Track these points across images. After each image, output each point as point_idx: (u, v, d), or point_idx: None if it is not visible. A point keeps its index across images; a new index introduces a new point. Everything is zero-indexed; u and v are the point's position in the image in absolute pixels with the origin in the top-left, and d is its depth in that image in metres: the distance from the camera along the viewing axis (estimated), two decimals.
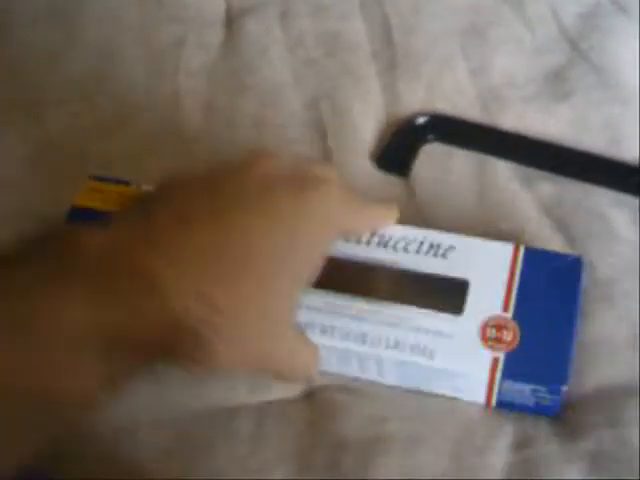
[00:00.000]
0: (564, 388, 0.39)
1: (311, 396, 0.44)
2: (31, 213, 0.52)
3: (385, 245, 0.43)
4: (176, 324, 0.34)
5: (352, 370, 0.42)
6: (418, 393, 0.42)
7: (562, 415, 0.41)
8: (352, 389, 0.43)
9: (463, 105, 0.53)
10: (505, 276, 0.41)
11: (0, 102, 0.57)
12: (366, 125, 0.53)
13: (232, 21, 0.61)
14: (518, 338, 0.40)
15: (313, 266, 0.38)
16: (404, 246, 0.43)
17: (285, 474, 0.41)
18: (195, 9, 0.61)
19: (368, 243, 0.43)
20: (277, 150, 0.43)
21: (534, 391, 0.39)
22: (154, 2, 0.61)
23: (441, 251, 0.42)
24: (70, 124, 0.56)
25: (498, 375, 0.39)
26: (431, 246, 0.43)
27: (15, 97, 0.57)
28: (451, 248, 0.42)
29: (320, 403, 0.43)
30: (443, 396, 0.42)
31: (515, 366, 0.39)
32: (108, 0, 0.62)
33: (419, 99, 0.54)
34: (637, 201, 0.48)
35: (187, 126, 0.55)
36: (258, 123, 0.54)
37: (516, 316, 0.40)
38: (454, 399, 0.42)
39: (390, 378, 0.42)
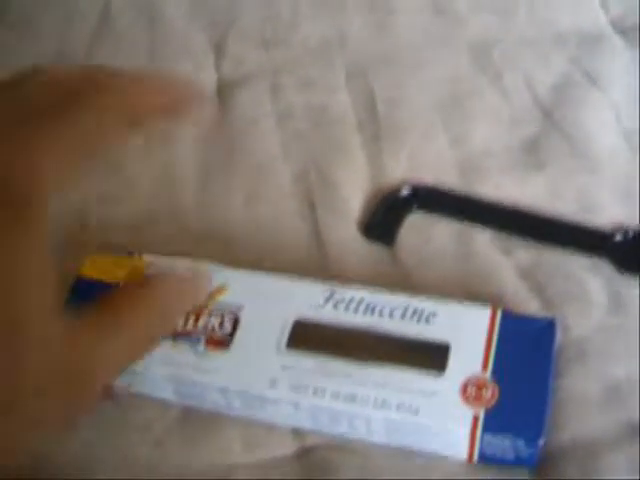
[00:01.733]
0: (541, 441, 0.43)
1: (305, 455, 0.48)
2: None
3: (372, 312, 0.48)
4: None
5: (342, 429, 0.46)
6: (405, 452, 0.46)
7: (540, 467, 0.45)
8: (343, 448, 0.47)
9: (444, 174, 0.58)
10: (483, 338, 0.46)
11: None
12: (353, 195, 0.57)
13: (223, 92, 0.66)
14: (497, 396, 0.44)
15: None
16: (389, 312, 0.48)
17: None
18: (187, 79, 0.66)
19: (356, 311, 0.48)
20: None
21: (513, 444, 0.44)
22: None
23: (424, 316, 0.47)
24: (67, 200, 0.60)
25: (479, 430, 0.43)
26: (414, 312, 0.47)
27: None
28: (433, 313, 0.47)
29: (313, 462, 0.47)
30: (428, 454, 0.46)
31: (494, 421, 0.43)
32: None
33: (402, 169, 0.59)
34: (609, 266, 0.52)
35: (182, 198, 0.60)
36: (249, 196, 0.59)
37: (494, 375, 0.45)
38: (438, 456, 0.46)
39: (378, 436, 0.46)
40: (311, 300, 0.49)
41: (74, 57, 0.68)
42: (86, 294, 0.51)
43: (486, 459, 0.45)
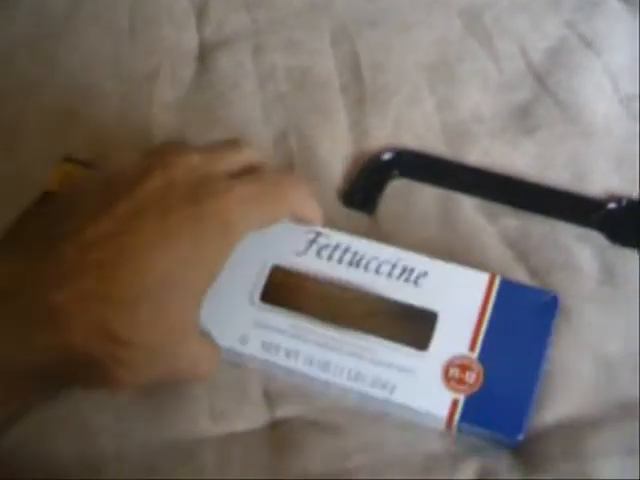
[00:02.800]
0: (520, 437, 0.41)
1: (275, 428, 0.46)
2: None
3: (357, 264, 0.45)
4: (78, 357, 0.36)
5: (315, 395, 0.44)
6: (381, 424, 0.44)
7: (523, 447, 0.43)
8: (316, 422, 0.45)
9: (430, 140, 0.56)
10: (476, 310, 0.43)
11: None
12: (334, 161, 0.55)
13: (205, 55, 0.63)
14: (481, 381, 0.42)
15: (214, 274, 0.40)
16: (376, 267, 0.45)
17: None
18: (168, 42, 0.64)
19: (340, 261, 0.45)
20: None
21: (491, 436, 0.41)
22: (128, 34, 0.64)
23: (413, 276, 0.44)
24: (41, 156, 0.58)
25: (456, 417, 0.41)
26: (404, 270, 0.45)
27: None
28: (424, 274, 0.44)
29: (284, 436, 0.45)
30: (405, 427, 0.44)
31: (474, 410, 0.41)
32: (82, 31, 0.65)
33: (387, 134, 0.56)
34: (600, 236, 0.50)
35: None
36: None
37: (482, 357, 0.42)
38: (416, 429, 0.44)
39: (352, 404, 0.44)
40: (293, 243, 0.46)
41: (53, 22, 0.65)
42: None
43: (463, 439, 0.43)
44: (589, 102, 0.56)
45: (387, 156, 0.54)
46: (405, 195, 0.53)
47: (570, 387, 0.45)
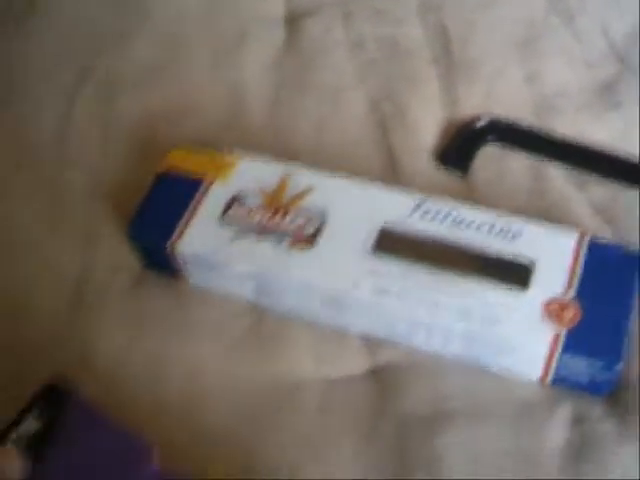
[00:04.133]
0: (619, 365, 0.45)
1: (375, 374, 0.49)
2: (101, 192, 0.58)
3: (458, 225, 0.49)
4: None
5: (419, 339, 0.48)
6: (478, 372, 0.48)
7: (614, 396, 0.47)
8: (415, 367, 0.49)
9: (518, 111, 0.59)
10: (569, 260, 0.47)
11: (72, 84, 0.63)
12: (426, 126, 0.59)
13: (293, 21, 0.67)
14: (578, 318, 0.46)
15: None
16: (476, 227, 0.49)
17: (353, 446, 0.46)
18: (255, 8, 0.68)
19: (442, 222, 0.49)
20: None
21: (590, 367, 0.45)
22: None
23: (510, 234, 0.48)
24: (139, 108, 0.62)
25: (558, 349, 0.45)
26: (501, 229, 0.49)
27: (87, 79, 0.63)
28: (519, 232, 0.48)
29: (384, 381, 0.49)
30: (501, 376, 0.47)
31: (574, 342, 0.45)
32: None
33: (476, 104, 0.60)
34: None
35: (251, 120, 0.61)
36: (321, 121, 0.60)
37: (577, 297, 0.46)
38: (511, 378, 0.47)
39: (453, 348, 0.47)
40: (398, 208, 0.50)
41: None
42: (168, 190, 0.52)
43: (560, 381, 0.47)
44: None
45: (482, 122, 0.57)
46: (497, 161, 0.57)
47: None
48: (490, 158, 0.57)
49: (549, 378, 0.47)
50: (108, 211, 0.57)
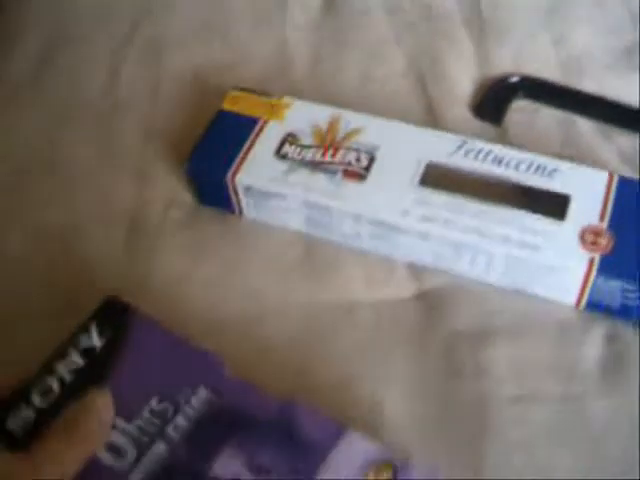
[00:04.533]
0: None
1: (423, 297, 0.53)
2: (154, 137, 0.61)
3: (499, 163, 0.53)
4: None
5: (463, 265, 0.52)
6: (518, 295, 0.52)
7: None
8: (460, 290, 0.53)
9: (547, 71, 0.63)
10: (602, 194, 0.51)
11: (121, 39, 0.67)
12: (462, 80, 0.63)
13: None
14: (612, 245, 0.50)
15: None
16: (515, 164, 0.53)
17: (404, 356, 0.50)
18: None
19: (484, 160, 0.53)
20: None
21: (623, 290, 0.49)
22: None
23: (547, 171, 0.52)
24: (186, 63, 0.66)
25: (593, 272, 0.49)
26: (538, 167, 0.53)
27: (135, 35, 0.67)
28: (555, 169, 0.53)
29: (432, 301, 0.53)
30: (540, 299, 0.51)
31: (608, 266, 0.49)
32: None
33: (506, 63, 0.64)
34: None
35: (295, 74, 0.65)
36: (362, 75, 0.64)
37: (610, 227, 0.50)
38: (549, 301, 0.51)
39: (495, 274, 0.51)
40: (443, 147, 0.54)
41: None
42: (226, 128, 0.56)
43: (594, 306, 0.51)
44: None
45: (514, 78, 0.62)
46: (528, 114, 0.61)
47: None
48: (522, 111, 0.61)
49: (584, 302, 0.51)
50: (160, 152, 0.60)
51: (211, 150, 0.56)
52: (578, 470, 0.44)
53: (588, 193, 0.52)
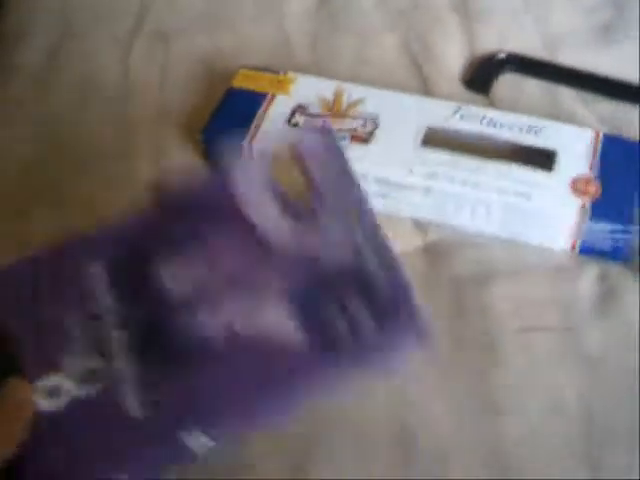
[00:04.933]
0: (635, 227, 0.54)
1: (427, 249, 0.58)
2: (166, 118, 0.66)
3: (493, 125, 0.58)
4: None
5: (464, 217, 0.56)
6: (516, 243, 0.57)
7: (632, 262, 0.56)
8: (462, 241, 0.57)
9: (529, 49, 0.69)
10: (590, 149, 0.57)
11: (128, 30, 0.72)
12: (452, 58, 0.68)
13: None
14: (600, 192, 0.55)
15: None
16: (508, 126, 0.58)
17: None
18: None
19: (480, 122, 0.58)
20: None
21: (612, 232, 0.54)
22: None
23: (534, 130, 0.58)
24: (192, 51, 0.71)
25: (586, 216, 0.54)
26: (528, 127, 0.58)
27: (141, 26, 0.73)
28: (543, 128, 0.58)
29: (437, 252, 0.57)
30: (536, 246, 0.56)
31: (597, 211, 0.54)
32: None
33: (493, 42, 0.70)
34: None
35: (295, 57, 0.70)
36: (358, 58, 0.69)
37: (598, 176, 0.55)
38: (545, 247, 0.56)
39: (494, 225, 0.56)
40: (440, 112, 0.59)
41: None
42: (237, 102, 0.61)
43: (586, 250, 0.55)
44: None
45: (501, 55, 0.67)
46: (514, 85, 0.66)
47: None
48: (508, 83, 0.67)
49: (577, 245, 0.56)
50: (174, 132, 0.65)
51: (225, 121, 0.60)
52: (580, 388, 0.49)
53: (577, 146, 0.57)
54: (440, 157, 0.57)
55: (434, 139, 0.58)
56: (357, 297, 0.35)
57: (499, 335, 0.52)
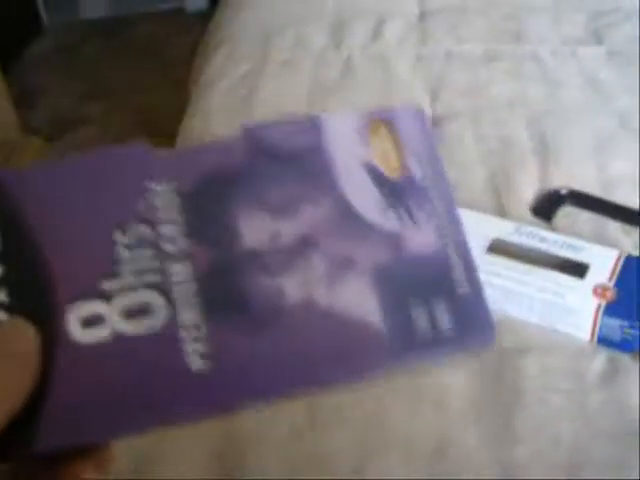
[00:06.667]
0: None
1: None
2: None
3: (543, 241, 0.80)
4: None
5: (513, 307, 0.78)
6: (548, 330, 0.77)
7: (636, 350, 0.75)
8: (507, 321, 0.78)
9: (587, 186, 0.91)
10: (612, 264, 0.78)
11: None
12: (527, 191, 0.91)
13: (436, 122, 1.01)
14: (615, 297, 0.75)
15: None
16: (554, 242, 0.80)
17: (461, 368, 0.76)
18: None
19: (533, 238, 0.80)
20: None
21: (621, 326, 0.74)
22: None
23: (575, 247, 0.79)
24: None
25: (600, 313, 0.74)
26: (570, 245, 0.80)
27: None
28: (582, 247, 0.79)
29: None
30: (564, 333, 0.77)
31: (611, 311, 0.74)
32: None
33: (561, 180, 0.92)
34: None
35: None
36: (454, 183, 0.93)
37: (616, 284, 0.76)
38: (570, 335, 0.77)
39: (534, 313, 0.77)
40: (505, 229, 0.81)
41: None
42: None
43: (602, 340, 0.76)
44: None
45: (564, 191, 0.89)
46: (573, 214, 0.88)
47: None
48: (568, 213, 0.88)
49: (595, 335, 0.76)
50: None
51: None
52: (577, 432, 0.69)
53: (604, 262, 0.78)
54: (501, 262, 0.79)
55: (497, 248, 0.80)
56: (439, 290, 0.35)
57: (525, 389, 0.72)
